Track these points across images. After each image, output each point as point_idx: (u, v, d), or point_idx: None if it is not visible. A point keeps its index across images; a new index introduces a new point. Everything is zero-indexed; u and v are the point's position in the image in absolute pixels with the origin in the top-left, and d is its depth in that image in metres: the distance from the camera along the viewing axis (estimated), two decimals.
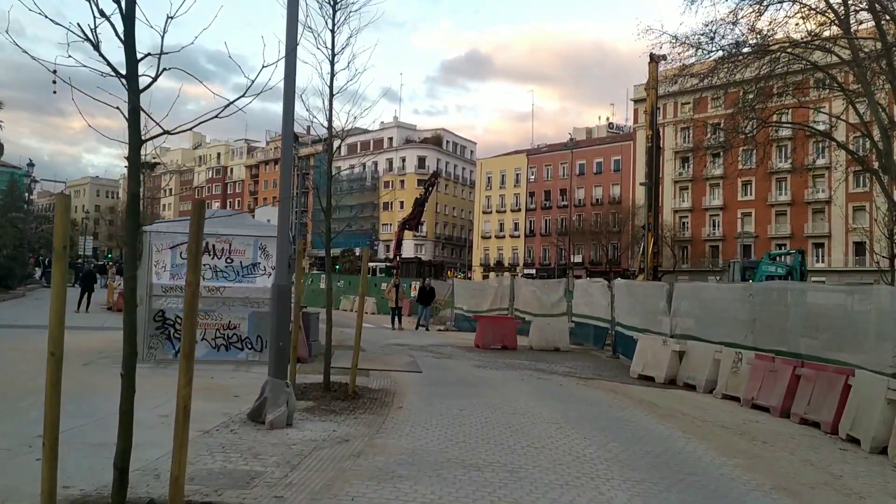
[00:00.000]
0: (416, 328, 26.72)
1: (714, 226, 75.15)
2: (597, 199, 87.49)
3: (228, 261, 13.67)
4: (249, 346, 13.64)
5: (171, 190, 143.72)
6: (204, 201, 4.78)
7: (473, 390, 11.95)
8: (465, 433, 8.46)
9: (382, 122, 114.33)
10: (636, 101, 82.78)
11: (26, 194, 59.06)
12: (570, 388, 13.06)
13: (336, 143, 10.83)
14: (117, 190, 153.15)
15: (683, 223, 77.38)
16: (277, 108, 21.35)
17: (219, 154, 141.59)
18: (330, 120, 10.76)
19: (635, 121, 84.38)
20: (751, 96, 24.06)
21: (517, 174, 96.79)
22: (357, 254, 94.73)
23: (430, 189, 57.82)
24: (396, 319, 27.33)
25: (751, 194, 71.42)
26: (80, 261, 61.92)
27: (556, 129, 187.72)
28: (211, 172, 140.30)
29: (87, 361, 13.30)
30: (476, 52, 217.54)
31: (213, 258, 13.62)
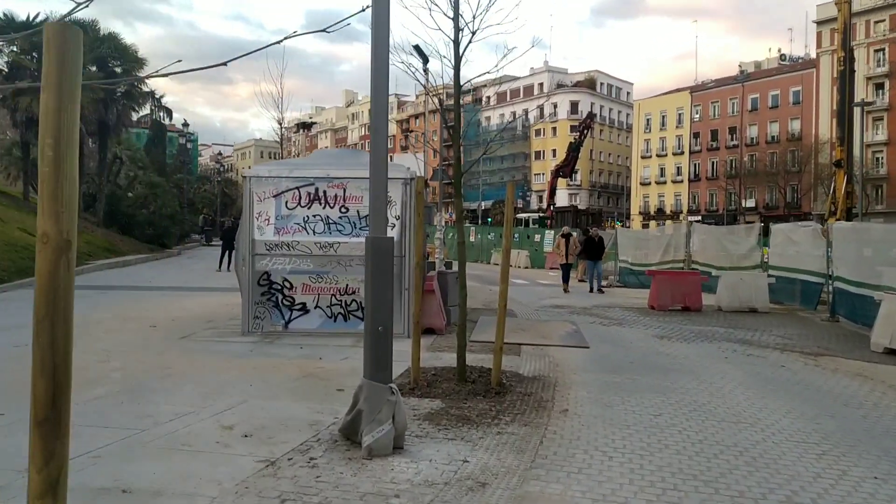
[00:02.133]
0: (591, 290, 21.58)
1: None
2: (772, 137, 79.08)
3: (343, 210, 11.05)
4: None
5: (326, 148, 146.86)
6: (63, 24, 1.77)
7: (665, 378, 8.67)
8: (674, 468, 5.27)
9: (532, 68, 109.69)
10: (819, 23, 73.77)
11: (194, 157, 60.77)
12: (798, 372, 9.44)
13: (465, 43, 7.77)
14: (278, 151, 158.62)
15: (877, 159, 68.11)
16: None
17: (370, 110, 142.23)
18: (456, 6, 7.69)
19: (818, 45, 75.02)
20: None
21: (679, 114, 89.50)
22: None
23: (585, 132, 53.63)
24: (566, 277, 22.21)
25: None
26: (224, 219, 62.75)
27: (719, 68, 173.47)
28: (363, 129, 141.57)
29: (186, 333, 11.19)
30: None
31: (324, 207, 11.05)
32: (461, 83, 8.21)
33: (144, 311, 14.14)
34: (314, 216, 10.97)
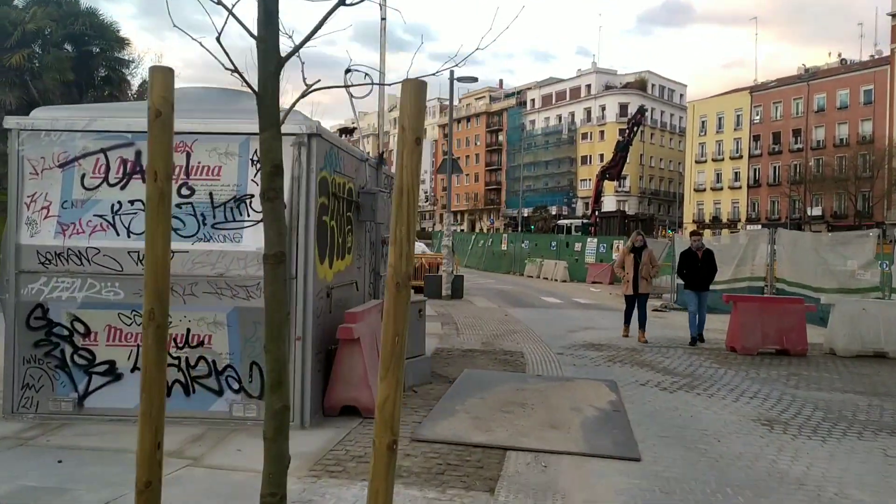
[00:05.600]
0: (692, 342, 12.32)
1: None
2: (841, 139, 72.06)
3: (185, 192, 6.06)
4: (234, 386, 6.00)
5: (369, 154, 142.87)
6: None
7: None
8: None
9: (579, 69, 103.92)
10: (894, 16, 67.09)
11: None
12: None
13: None
14: None
15: None
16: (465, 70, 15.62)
17: None
18: None
19: (893, 39, 68.05)
20: None
21: (738, 115, 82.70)
22: (553, 212, 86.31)
23: (635, 130, 48.04)
24: (634, 317, 12.93)
25: None
26: None
27: (772, 74, 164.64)
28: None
29: None
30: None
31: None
32: None
33: None
34: (131, 203, 6.01)
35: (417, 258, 22.40)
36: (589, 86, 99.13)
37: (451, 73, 19.84)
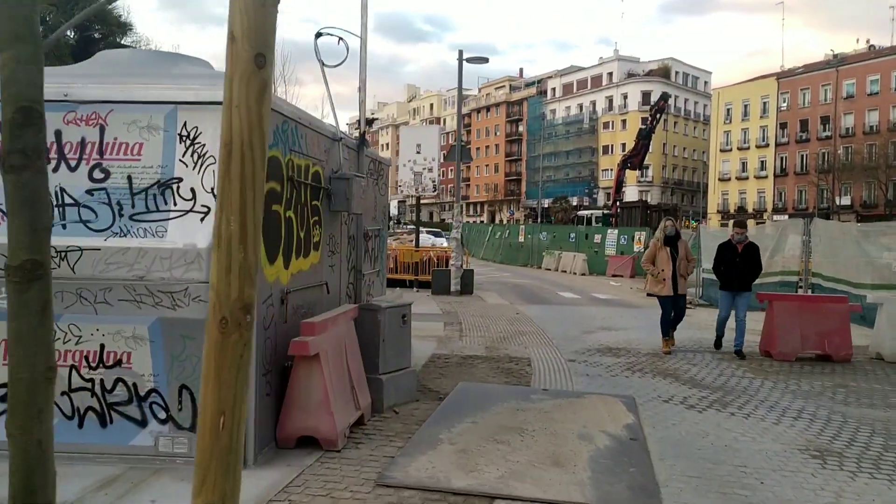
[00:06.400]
0: (718, 345, 10.91)
1: None
2: (871, 127, 69.74)
3: (98, 175, 4.94)
4: (161, 415, 4.88)
5: (388, 145, 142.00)
6: None
7: None
8: None
9: (601, 57, 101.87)
10: None
11: None
12: None
13: None
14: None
15: None
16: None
17: (431, 105, 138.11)
18: None
19: None
20: None
21: (764, 103, 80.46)
22: (574, 203, 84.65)
23: (658, 116, 46.31)
24: (669, 323, 10.79)
25: None
26: None
27: (797, 63, 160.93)
28: (424, 124, 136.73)
29: None
30: None
31: (56, 168, 4.97)
32: None
33: None
34: None
35: (425, 251, 21.20)
36: (611, 74, 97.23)
37: (460, 53, 18.68)
